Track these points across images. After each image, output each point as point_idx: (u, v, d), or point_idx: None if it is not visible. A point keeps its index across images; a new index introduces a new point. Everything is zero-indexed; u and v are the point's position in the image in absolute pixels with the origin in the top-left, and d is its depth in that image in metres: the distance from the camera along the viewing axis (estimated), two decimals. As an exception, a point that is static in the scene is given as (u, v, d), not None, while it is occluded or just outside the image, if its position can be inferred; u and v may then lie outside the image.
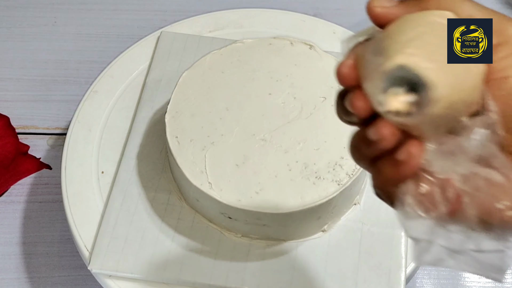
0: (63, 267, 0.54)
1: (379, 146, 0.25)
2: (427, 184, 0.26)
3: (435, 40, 0.25)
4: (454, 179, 0.26)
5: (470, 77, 0.25)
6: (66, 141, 0.54)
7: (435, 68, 0.23)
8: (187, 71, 0.51)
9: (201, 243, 0.48)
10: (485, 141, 0.26)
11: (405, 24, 0.26)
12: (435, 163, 0.26)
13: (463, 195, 0.26)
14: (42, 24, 0.70)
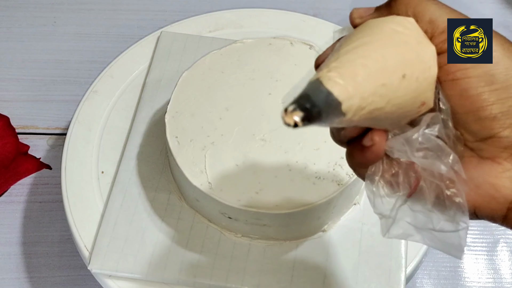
0: (63, 267, 0.54)
1: (344, 133, 0.30)
2: (393, 167, 0.29)
3: (372, 51, 0.27)
4: (416, 164, 0.29)
5: (410, 84, 0.27)
6: (66, 141, 0.54)
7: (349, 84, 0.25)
8: (187, 71, 0.51)
9: (201, 243, 0.48)
10: (430, 135, 0.28)
11: (359, 32, 0.28)
12: (396, 150, 0.29)
13: (422, 179, 0.29)
14: (42, 24, 0.70)
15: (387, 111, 0.27)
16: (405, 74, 0.27)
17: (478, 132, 0.28)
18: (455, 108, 0.28)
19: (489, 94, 0.27)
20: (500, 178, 0.28)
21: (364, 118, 0.26)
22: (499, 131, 0.28)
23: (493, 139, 0.28)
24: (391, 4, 0.29)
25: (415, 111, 0.28)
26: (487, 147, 0.28)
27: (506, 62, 0.28)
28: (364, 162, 0.30)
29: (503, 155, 0.28)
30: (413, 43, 0.28)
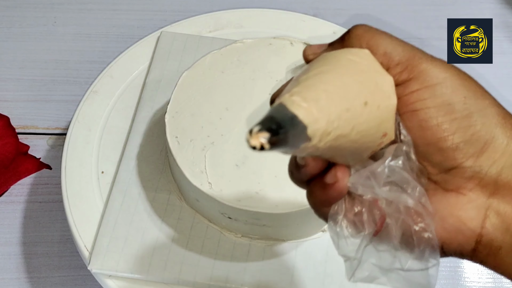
0: (63, 267, 0.54)
1: (305, 171, 0.28)
2: (356, 205, 0.28)
3: (332, 78, 0.26)
4: (380, 201, 0.28)
5: (372, 112, 0.26)
6: (66, 141, 0.54)
7: (313, 107, 0.25)
8: (187, 71, 0.51)
9: (201, 243, 0.48)
10: (396, 167, 0.28)
11: (316, 62, 0.28)
12: (359, 186, 0.28)
13: (387, 216, 0.28)
14: (42, 24, 0.70)
15: (351, 139, 0.26)
16: (367, 102, 0.26)
17: (441, 164, 0.28)
18: (416, 140, 0.28)
19: (450, 124, 0.27)
20: (466, 210, 0.27)
21: (329, 146, 0.26)
22: (462, 161, 0.27)
23: (456, 169, 0.27)
24: (345, 38, 0.29)
25: (377, 142, 0.28)
26: (451, 178, 0.28)
27: (463, 91, 0.27)
28: (327, 201, 0.29)
29: (468, 185, 0.28)
30: (371, 72, 0.27)
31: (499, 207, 0.27)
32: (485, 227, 0.27)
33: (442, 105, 0.27)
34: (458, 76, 0.28)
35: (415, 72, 0.27)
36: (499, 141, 0.27)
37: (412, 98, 0.27)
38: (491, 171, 0.27)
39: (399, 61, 0.28)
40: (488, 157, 0.27)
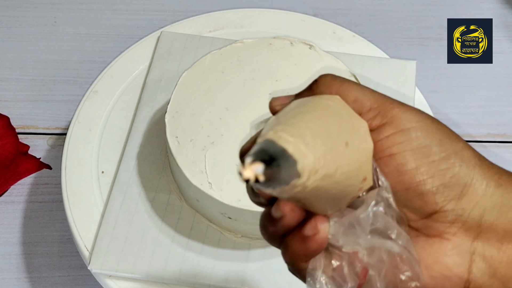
0: (63, 267, 0.54)
1: (282, 223, 0.26)
2: (335, 259, 0.27)
3: (311, 118, 0.25)
4: (360, 252, 0.27)
5: (353, 153, 0.26)
6: (66, 141, 0.54)
7: (300, 142, 0.24)
8: (187, 71, 0.51)
9: (201, 243, 0.48)
10: (380, 213, 0.27)
11: (292, 105, 0.27)
12: (339, 237, 0.27)
13: (369, 268, 0.27)
14: (42, 24, 0.69)
15: (336, 180, 0.25)
16: (348, 142, 0.26)
17: (422, 209, 0.27)
18: (394, 185, 0.27)
19: (428, 166, 0.26)
20: (451, 256, 0.27)
21: (315, 186, 0.24)
22: (444, 204, 0.26)
23: (438, 214, 0.27)
24: (313, 87, 0.29)
25: (358, 187, 0.27)
26: (432, 223, 0.27)
27: (438, 134, 0.27)
28: (305, 255, 0.27)
29: (451, 230, 0.27)
30: (346, 116, 0.27)
31: (484, 251, 0.27)
32: (472, 272, 0.27)
33: (418, 147, 0.27)
34: (430, 120, 0.28)
35: (388, 117, 0.27)
36: (478, 182, 0.27)
37: (388, 143, 0.27)
38: (473, 214, 0.27)
39: (370, 107, 0.27)
40: (469, 199, 0.27)
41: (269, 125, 0.25)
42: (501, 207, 0.27)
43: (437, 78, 0.64)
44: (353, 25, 0.64)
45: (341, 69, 0.51)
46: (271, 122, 0.26)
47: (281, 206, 0.26)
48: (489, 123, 0.62)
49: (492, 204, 0.27)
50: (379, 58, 0.58)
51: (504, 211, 0.27)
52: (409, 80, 0.56)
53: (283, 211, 0.26)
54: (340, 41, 0.60)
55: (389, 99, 0.28)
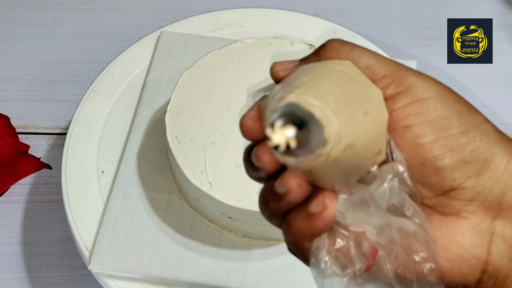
0: (63, 267, 0.54)
1: (287, 199, 0.24)
2: (341, 238, 0.25)
3: (328, 84, 0.24)
4: (368, 232, 0.25)
5: (371, 123, 0.24)
6: (66, 141, 0.54)
7: (326, 107, 0.22)
8: (187, 71, 0.51)
9: (201, 243, 0.48)
10: (395, 189, 0.25)
11: (301, 71, 0.25)
12: (348, 214, 0.25)
13: (379, 248, 0.25)
14: (41, 24, 0.69)
15: (355, 152, 0.23)
16: (367, 111, 0.24)
17: (438, 185, 0.25)
18: (409, 159, 0.25)
19: (447, 140, 0.24)
20: (469, 236, 0.25)
21: (335, 158, 0.22)
22: (462, 181, 0.25)
23: (456, 191, 0.25)
24: (320, 52, 0.26)
25: (372, 160, 0.25)
26: (449, 201, 0.25)
27: (457, 105, 0.25)
28: (310, 234, 0.25)
29: (469, 208, 0.25)
30: (361, 82, 0.25)
31: (504, 231, 0.25)
32: (491, 253, 0.25)
33: (436, 119, 0.25)
34: (448, 90, 0.26)
35: (403, 85, 0.25)
36: (499, 158, 0.25)
37: (403, 113, 0.25)
38: (494, 191, 0.25)
39: (384, 74, 0.25)
40: (490, 176, 0.25)
41: (283, 90, 0.23)
42: None
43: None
44: (353, 25, 0.64)
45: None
46: (284, 88, 0.24)
47: (287, 180, 0.24)
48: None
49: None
50: (379, 58, 0.58)
51: None
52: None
53: (288, 186, 0.24)
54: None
55: (403, 66, 0.26)
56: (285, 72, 0.27)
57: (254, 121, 0.25)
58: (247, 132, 0.25)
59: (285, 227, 0.26)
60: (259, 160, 0.25)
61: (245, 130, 0.25)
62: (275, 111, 0.22)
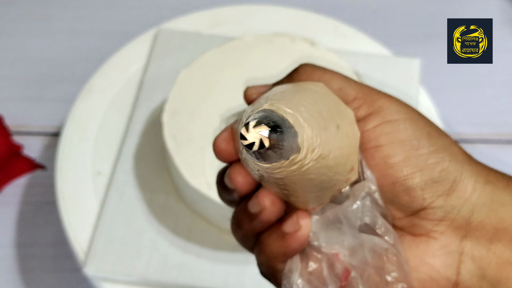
0: (57, 269, 0.53)
1: (261, 218, 0.25)
2: (313, 260, 0.25)
3: (301, 98, 0.24)
4: (341, 253, 0.25)
5: (343, 138, 0.25)
6: (61, 141, 0.53)
7: (299, 115, 0.23)
8: (185, 69, 0.51)
9: (199, 245, 0.48)
10: (368, 207, 0.25)
11: (274, 90, 0.26)
12: (321, 235, 0.25)
13: (351, 269, 0.25)
14: (35, 21, 0.69)
15: (328, 164, 0.24)
16: (339, 125, 0.24)
17: (408, 205, 0.25)
18: (380, 179, 0.25)
19: (417, 160, 0.25)
20: (439, 256, 0.25)
21: (308, 168, 0.23)
22: (432, 200, 0.25)
23: (426, 210, 0.25)
24: (293, 76, 0.27)
25: (345, 177, 0.25)
26: (419, 221, 0.25)
27: (426, 128, 0.26)
28: (284, 255, 0.25)
29: (439, 228, 0.25)
30: (334, 101, 0.26)
31: (473, 250, 0.25)
32: (461, 273, 0.25)
33: (407, 139, 0.25)
34: (417, 113, 0.27)
35: (375, 107, 0.26)
36: (468, 179, 0.26)
37: (374, 133, 0.26)
38: (463, 211, 0.25)
39: (355, 96, 0.26)
40: (458, 196, 0.25)
41: (255, 105, 0.24)
42: (491, 204, 0.25)
43: (441, 76, 0.63)
44: (355, 22, 0.64)
45: (343, 67, 0.51)
46: (256, 103, 0.24)
47: (261, 198, 0.25)
48: (494, 122, 0.62)
49: (482, 201, 0.25)
50: (382, 56, 0.58)
51: (494, 209, 0.25)
52: (413, 78, 0.56)
53: (262, 204, 0.25)
54: (342, 38, 0.60)
55: (374, 89, 0.27)
56: (259, 95, 0.27)
57: (227, 142, 0.26)
58: (220, 153, 0.26)
59: (258, 249, 0.26)
60: (233, 181, 0.25)
61: (218, 152, 0.26)
62: (249, 118, 0.22)
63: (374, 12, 0.70)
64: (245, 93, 0.28)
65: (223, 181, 0.26)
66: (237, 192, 0.26)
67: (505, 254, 0.25)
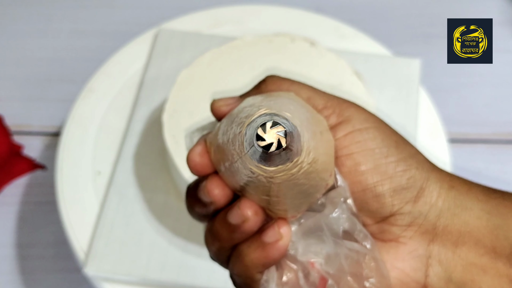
0: (58, 269, 0.53)
1: (242, 229, 0.25)
2: (289, 270, 0.25)
3: (285, 104, 0.24)
4: (316, 262, 0.25)
5: (327, 143, 0.25)
6: (61, 141, 0.53)
7: (295, 118, 0.23)
8: (186, 69, 0.51)
9: (199, 245, 0.47)
10: (347, 213, 0.26)
11: (249, 101, 0.26)
12: (299, 244, 0.25)
13: (328, 278, 0.25)
14: (36, 21, 0.69)
15: (316, 169, 0.24)
16: (322, 131, 0.25)
17: (378, 211, 0.26)
18: (351, 186, 0.26)
19: (386, 167, 0.26)
20: (408, 261, 0.26)
21: (304, 172, 0.23)
22: (401, 206, 0.26)
23: (394, 216, 0.26)
24: (261, 87, 0.28)
25: (326, 182, 0.26)
26: (388, 227, 0.26)
27: (394, 137, 0.27)
28: (264, 264, 0.25)
29: (407, 233, 0.26)
30: (309, 109, 0.26)
31: (440, 254, 0.26)
32: (429, 276, 0.26)
33: (376, 147, 0.26)
34: (384, 123, 0.27)
35: (344, 116, 0.27)
36: (433, 185, 0.26)
37: (345, 142, 0.26)
38: (429, 216, 0.26)
39: (324, 105, 0.27)
40: (425, 201, 0.26)
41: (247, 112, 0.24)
42: (454, 209, 0.26)
43: (442, 76, 0.63)
44: (356, 22, 0.64)
45: (343, 67, 0.51)
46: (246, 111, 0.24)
47: (243, 209, 0.25)
48: (494, 122, 0.62)
49: (446, 206, 0.26)
50: (382, 56, 0.58)
51: (457, 213, 0.26)
52: (413, 78, 0.55)
53: (246, 215, 0.25)
54: (342, 38, 0.60)
55: (342, 99, 0.28)
56: (227, 108, 0.28)
57: (202, 155, 0.26)
58: (196, 167, 0.26)
59: (235, 260, 0.26)
60: (210, 193, 0.25)
61: (193, 165, 0.26)
62: (255, 119, 0.22)
63: (374, 12, 0.70)
64: (213, 106, 0.28)
65: (196, 195, 0.26)
66: (214, 204, 0.26)
67: (469, 257, 0.26)
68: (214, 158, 0.26)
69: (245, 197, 0.25)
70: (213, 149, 0.26)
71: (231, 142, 0.24)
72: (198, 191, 0.26)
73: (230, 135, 0.24)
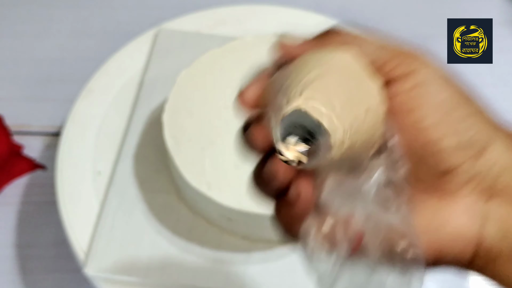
0: (58, 270, 0.53)
1: (273, 184, 0.26)
2: (328, 223, 0.26)
3: (332, 82, 0.24)
4: (355, 218, 0.26)
5: (371, 119, 0.25)
6: (61, 141, 0.53)
7: (333, 114, 0.23)
8: (186, 69, 0.51)
9: (200, 245, 0.48)
10: (381, 185, 0.26)
11: (306, 63, 0.26)
12: (335, 202, 0.26)
13: (364, 234, 0.26)
14: (36, 21, 0.69)
15: (354, 151, 0.24)
16: (368, 108, 0.25)
17: (436, 167, 0.26)
18: (410, 142, 0.26)
19: (448, 124, 0.25)
20: (463, 217, 0.26)
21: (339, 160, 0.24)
22: (461, 162, 0.25)
23: (452, 173, 0.26)
24: (323, 40, 0.28)
25: (366, 153, 0.26)
26: (445, 183, 0.26)
27: (458, 92, 0.26)
28: (293, 217, 0.26)
29: (464, 191, 0.26)
30: (363, 76, 0.26)
31: (497, 212, 0.26)
32: (483, 234, 0.26)
33: (440, 102, 0.26)
34: (450, 78, 0.27)
35: (408, 69, 0.26)
36: (497, 143, 0.26)
37: (407, 96, 0.26)
38: (490, 174, 0.26)
39: (389, 59, 0.26)
40: (486, 159, 0.26)
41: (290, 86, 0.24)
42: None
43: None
44: (356, 22, 0.64)
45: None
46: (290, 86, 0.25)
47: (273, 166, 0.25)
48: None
49: (509, 165, 0.26)
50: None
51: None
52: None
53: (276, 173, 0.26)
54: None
55: (410, 51, 0.27)
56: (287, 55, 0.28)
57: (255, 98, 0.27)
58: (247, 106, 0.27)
59: (274, 214, 0.27)
60: (253, 141, 0.27)
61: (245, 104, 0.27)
62: (282, 119, 0.23)
63: (374, 12, 0.70)
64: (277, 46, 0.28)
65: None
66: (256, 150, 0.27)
67: None
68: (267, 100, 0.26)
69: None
70: (265, 94, 0.26)
71: (275, 109, 0.25)
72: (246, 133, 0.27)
73: (276, 101, 0.25)
